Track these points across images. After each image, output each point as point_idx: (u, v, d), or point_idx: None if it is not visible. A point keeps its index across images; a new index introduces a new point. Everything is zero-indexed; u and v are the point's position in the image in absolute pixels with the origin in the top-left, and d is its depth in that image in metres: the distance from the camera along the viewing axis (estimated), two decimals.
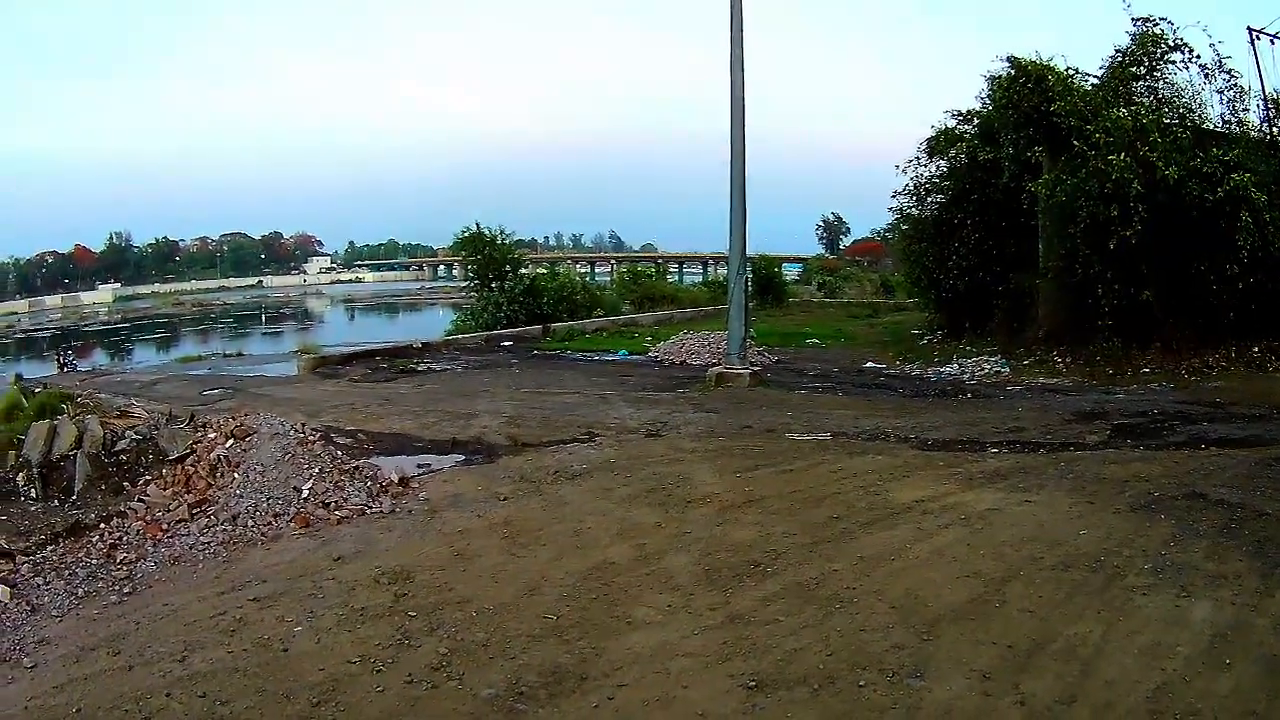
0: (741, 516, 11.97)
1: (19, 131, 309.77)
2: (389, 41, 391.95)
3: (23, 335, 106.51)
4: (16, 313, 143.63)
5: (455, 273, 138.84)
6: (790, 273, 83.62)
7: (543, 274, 50.78)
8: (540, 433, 17.97)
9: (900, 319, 44.86)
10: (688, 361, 29.98)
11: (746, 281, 26.44)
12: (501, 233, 48.46)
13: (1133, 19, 28.64)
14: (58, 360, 47.65)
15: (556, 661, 8.07)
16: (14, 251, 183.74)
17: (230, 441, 16.52)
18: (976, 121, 33.76)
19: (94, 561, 12.20)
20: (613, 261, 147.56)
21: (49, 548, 13.06)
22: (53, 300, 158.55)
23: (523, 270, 48.31)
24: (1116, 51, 28.97)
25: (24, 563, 12.51)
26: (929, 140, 35.17)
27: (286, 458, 15.35)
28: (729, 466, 14.76)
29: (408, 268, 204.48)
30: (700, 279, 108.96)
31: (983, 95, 31.87)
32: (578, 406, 21.24)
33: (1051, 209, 27.02)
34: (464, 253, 50.54)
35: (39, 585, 11.55)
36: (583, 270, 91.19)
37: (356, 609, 9.61)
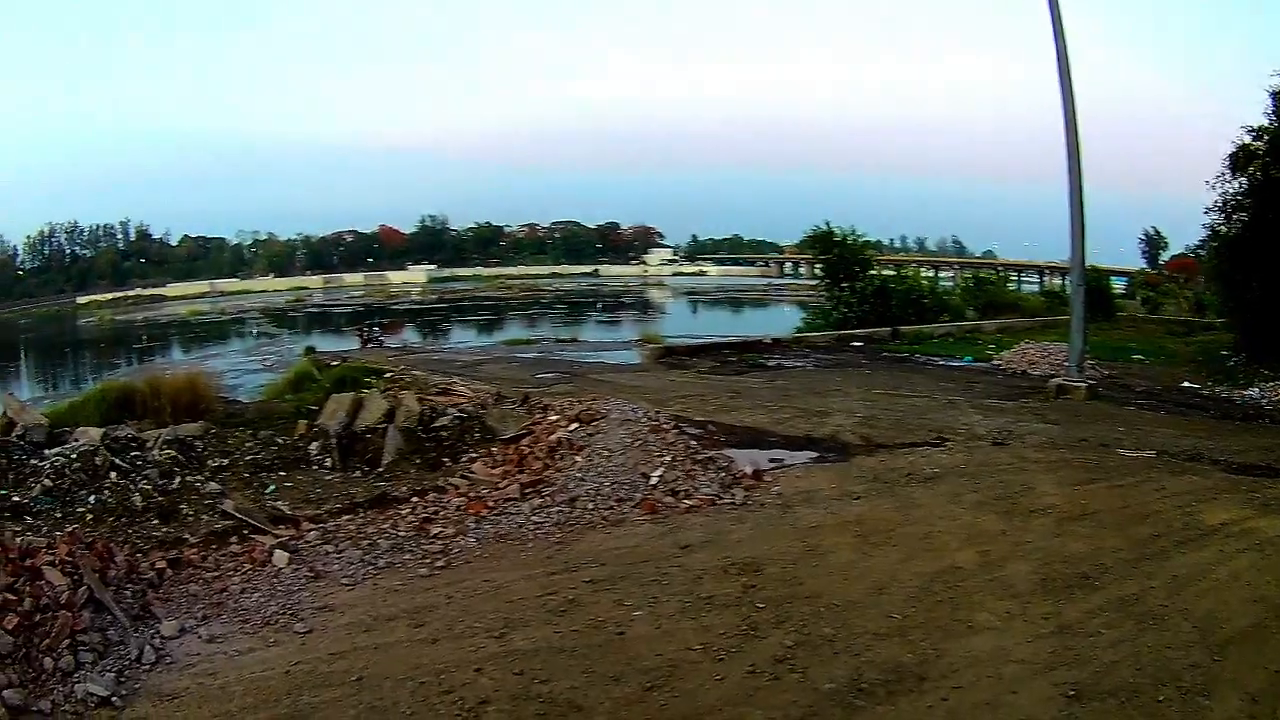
0: (1076, 529, 12.64)
1: (315, 119, 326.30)
2: (734, 40, 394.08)
3: (316, 310, 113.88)
4: (308, 288, 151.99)
5: (802, 271, 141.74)
6: (1116, 286, 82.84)
7: (891, 275, 51.99)
8: (893, 434, 18.79)
9: (1211, 338, 44.61)
10: (1028, 371, 30.87)
11: (1084, 295, 26.91)
12: (852, 233, 50.19)
13: None
14: (360, 335, 50.63)
15: (899, 660, 8.63)
16: (307, 230, 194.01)
17: (575, 425, 17.43)
18: (1266, 138, 33.33)
19: (401, 534, 13.15)
20: (955, 266, 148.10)
21: (344, 517, 14.16)
22: (353, 278, 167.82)
23: (871, 271, 49.61)
24: None
25: (311, 530, 13.59)
26: (1230, 156, 34.58)
27: (636, 444, 16.09)
28: (1067, 479, 15.42)
29: (753, 263, 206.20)
30: (1037, 287, 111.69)
31: (1268, 110, 32.18)
32: (928, 410, 22.08)
33: None
34: (813, 251, 53.07)
35: (327, 553, 12.55)
36: (928, 274, 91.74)
37: (702, 597, 10.24)
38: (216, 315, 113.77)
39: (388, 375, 26.43)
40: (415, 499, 14.96)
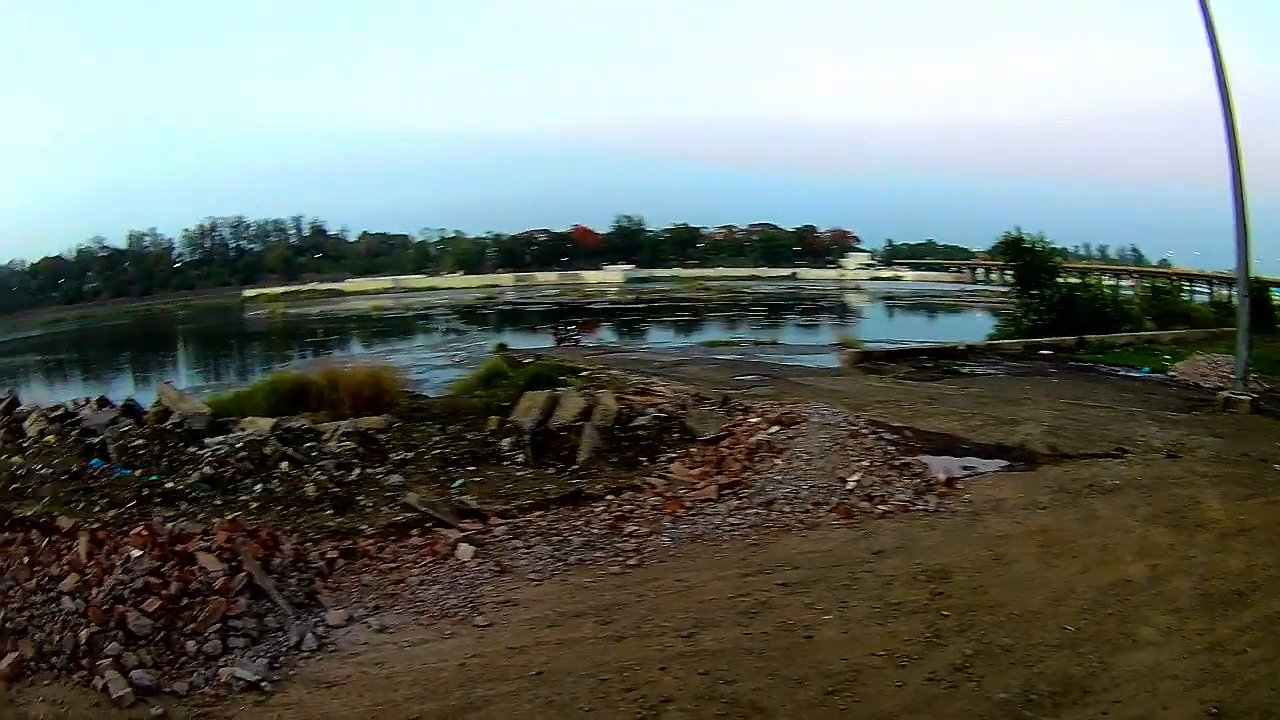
0: (1235, 544, 12.89)
1: (503, 117, 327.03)
2: (928, 39, 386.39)
3: (508, 307, 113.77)
4: (499, 285, 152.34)
5: (993, 277, 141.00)
6: (1278, 298, 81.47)
7: (1077, 284, 52.21)
8: (1077, 444, 19.10)
9: None
10: (1200, 383, 30.45)
11: (1249, 307, 26.59)
12: (1040, 240, 50.26)
13: None
14: (556, 334, 52.48)
15: (1068, 672, 9.05)
16: (496, 229, 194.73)
17: (775, 428, 17.96)
18: None
19: (594, 531, 13.77)
20: (1135, 275, 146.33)
21: (536, 513, 14.72)
22: (546, 276, 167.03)
23: (1058, 280, 49.81)
24: None
25: (499, 525, 14.17)
26: None
27: (835, 448, 16.65)
28: (1230, 494, 15.54)
29: (946, 269, 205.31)
30: (1206, 297, 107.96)
31: None
32: (1110, 421, 22.24)
33: None
34: (1003, 258, 54.03)
35: (515, 548, 13.19)
36: (1110, 283, 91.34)
37: (891, 603, 10.71)
38: (401, 311, 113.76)
39: (584, 374, 27.21)
40: (610, 497, 15.51)
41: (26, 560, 12.92)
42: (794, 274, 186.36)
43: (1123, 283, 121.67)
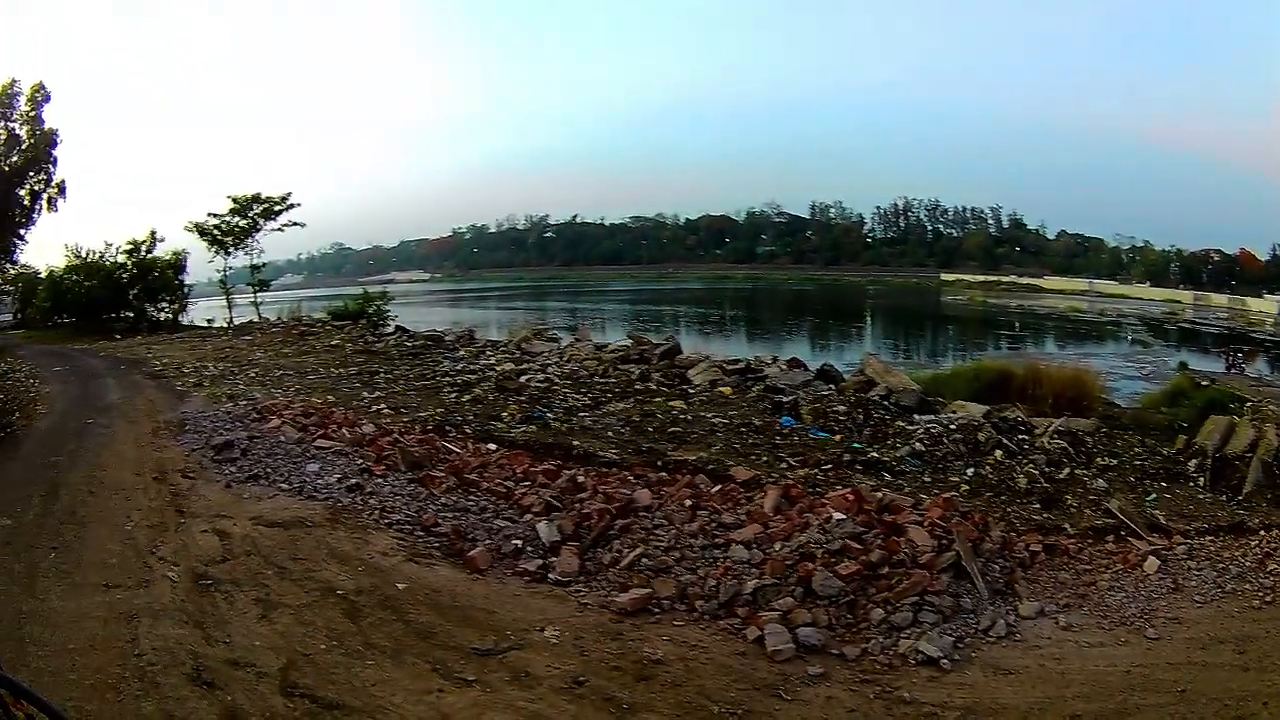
0: None
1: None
2: None
3: (1186, 326, 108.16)
4: (1180, 301, 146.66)
5: None
6: None
7: None
8: None
9: None
10: None
11: None
12: None
13: None
14: (1227, 358, 51.35)
15: None
16: (1179, 243, 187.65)
17: None
18: None
19: (1245, 563, 13.64)
20: None
21: (1207, 537, 14.75)
22: (1218, 299, 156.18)
23: None
24: None
25: (1180, 544, 14.34)
26: None
27: None
28: None
29: None
30: None
31: None
32: None
33: None
34: None
35: (1189, 569, 13.32)
36: None
37: None
38: (1094, 315, 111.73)
39: (1249, 404, 25.66)
40: (1263, 532, 15.18)
41: (689, 504, 14.45)
42: None
43: None
